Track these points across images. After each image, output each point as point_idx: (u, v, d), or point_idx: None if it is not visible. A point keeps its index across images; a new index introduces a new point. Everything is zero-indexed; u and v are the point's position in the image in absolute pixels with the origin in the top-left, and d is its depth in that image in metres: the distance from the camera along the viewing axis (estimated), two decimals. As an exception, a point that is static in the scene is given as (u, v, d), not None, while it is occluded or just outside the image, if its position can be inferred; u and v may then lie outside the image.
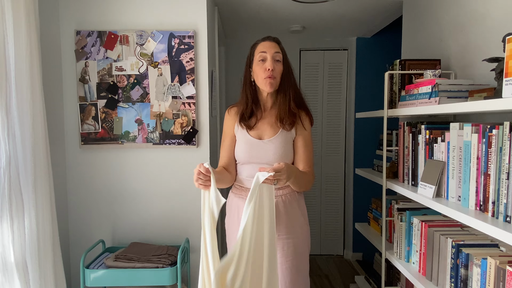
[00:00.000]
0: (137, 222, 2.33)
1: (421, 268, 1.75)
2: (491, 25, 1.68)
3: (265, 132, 1.63)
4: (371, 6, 2.80)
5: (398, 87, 2.03)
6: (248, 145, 1.62)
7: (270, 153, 1.58)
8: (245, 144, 1.63)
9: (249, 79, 1.64)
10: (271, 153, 1.58)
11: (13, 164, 1.59)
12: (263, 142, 1.61)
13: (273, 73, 1.55)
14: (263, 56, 1.55)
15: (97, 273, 1.95)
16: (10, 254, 1.58)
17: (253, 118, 1.66)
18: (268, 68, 1.54)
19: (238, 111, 1.67)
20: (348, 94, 3.88)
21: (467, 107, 1.32)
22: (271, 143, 1.60)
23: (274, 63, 1.55)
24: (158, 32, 2.24)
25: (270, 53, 1.55)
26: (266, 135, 1.62)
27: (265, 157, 1.59)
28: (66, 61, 2.27)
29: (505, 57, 1.11)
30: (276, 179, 1.37)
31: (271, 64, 1.54)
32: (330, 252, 4.04)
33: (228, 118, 1.71)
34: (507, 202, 1.20)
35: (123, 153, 2.31)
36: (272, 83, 1.57)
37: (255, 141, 1.62)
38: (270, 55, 1.55)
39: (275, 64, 1.56)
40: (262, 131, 1.64)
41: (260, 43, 1.60)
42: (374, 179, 2.19)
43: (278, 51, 1.57)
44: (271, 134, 1.62)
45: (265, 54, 1.55)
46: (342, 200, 3.98)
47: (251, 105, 1.65)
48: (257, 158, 1.60)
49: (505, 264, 1.21)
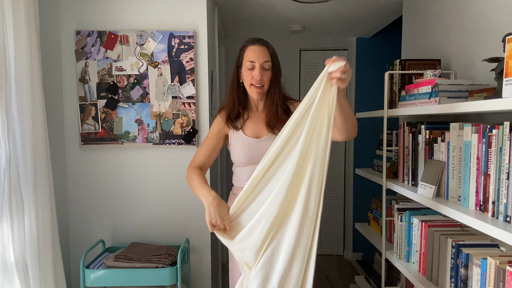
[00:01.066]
0: (137, 222, 2.33)
1: (421, 268, 1.75)
2: (491, 25, 1.68)
3: (262, 130, 1.62)
4: (371, 6, 2.80)
5: (398, 87, 2.03)
6: (246, 146, 1.60)
7: None
8: (242, 145, 1.61)
9: (238, 80, 1.63)
10: None
11: (13, 164, 1.59)
12: (260, 141, 1.60)
13: (261, 82, 1.54)
14: (252, 65, 1.54)
15: (97, 273, 1.95)
16: (10, 254, 1.58)
17: (240, 118, 1.65)
18: (255, 77, 1.53)
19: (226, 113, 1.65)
20: (348, 94, 3.88)
21: (467, 107, 1.32)
22: (269, 140, 1.58)
23: (262, 72, 1.53)
24: (158, 32, 2.24)
25: (258, 63, 1.52)
26: (263, 133, 1.62)
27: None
28: (66, 61, 2.27)
29: (505, 57, 1.11)
30: (345, 72, 1.21)
31: (259, 73, 1.52)
32: (330, 252, 4.04)
33: (220, 121, 1.67)
34: (507, 202, 1.20)
35: (123, 153, 2.31)
36: (260, 92, 1.56)
37: (253, 140, 1.61)
38: (258, 64, 1.53)
39: (264, 72, 1.54)
40: (258, 130, 1.63)
41: (249, 47, 1.56)
42: (374, 179, 2.19)
43: (267, 59, 1.54)
44: (267, 132, 1.61)
45: (254, 64, 1.53)
46: (342, 200, 3.98)
47: (238, 106, 1.63)
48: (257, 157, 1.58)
49: (505, 264, 1.21)
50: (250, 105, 1.67)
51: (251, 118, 1.65)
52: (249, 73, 1.55)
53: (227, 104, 1.66)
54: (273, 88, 1.60)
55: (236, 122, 1.64)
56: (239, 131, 1.63)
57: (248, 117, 1.65)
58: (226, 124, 1.64)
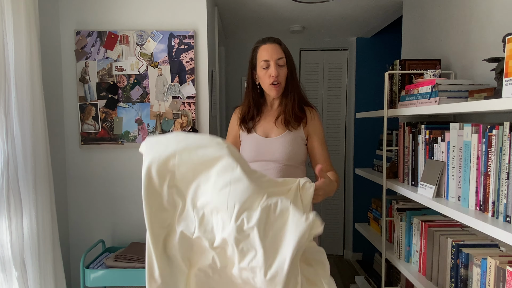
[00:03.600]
0: (137, 222, 2.33)
1: (421, 268, 1.75)
2: (491, 25, 1.68)
3: (272, 130, 1.64)
4: (371, 6, 2.80)
5: (398, 87, 2.03)
6: (254, 143, 1.63)
7: (277, 151, 1.59)
8: (251, 141, 1.64)
9: (253, 82, 1.66)
10: (278, 151, 1.59)
11: (12, 164, 1.59)
12: (270, 140, 1.62)
13: (277, 78, 1.56)
14: (267, 64, 1.56)
15: (97, 273, 1.95)
16: (8, 254, 1.58)
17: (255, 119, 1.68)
18: (272, 75, 1.55)
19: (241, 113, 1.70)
20: (348, 94, 3.88)
21: (467, 107, 1.32)
22: (278, 141, 1.61)
23: (278, 69, 1.56)
24: (158, 32, 2.24)
25: (273, 60, 1.55)
26: (273, 133, 1.64)
27: (273, 155, 1.59)
28: (66, 61, 2.27)
29: (505, 57, 1.11)
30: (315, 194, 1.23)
31: (275, 71, 1.54)
32: (330, 252, 4.04)
33: (235, 118, 1.74)
34: (507, 202, 1.20)
35: (123, 153, 2.31)
36: (278, 89, 1.59)
37: (262, 138, 1.63)
38: (273, 61, 1.55)
39: (279, 69, 1.56)
40: (269, 129, 1.65)
41: (262, 46, 1.59)
42: (374, 179, 2.18)
43: (281, 56, 1.57)
44: (278, 132, 1.63)
45: (268, 62, 1.55)
46: (342, 200, 3.98)
47: (253, 108, 1.67)
48: (264, 155, 1.60)
49: (505, 264, 1.21)
50: (266, 103, 1.70)
51: (264, 117, 1.68)
52: (264, 72, 1.57)
53: (243, 105, 1.70)
54: (291, 84, 1.62)
55: (249, 123, 1.67)
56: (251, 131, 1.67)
57: (261, 117, 1.68)
58: (239, 126, 1.69)
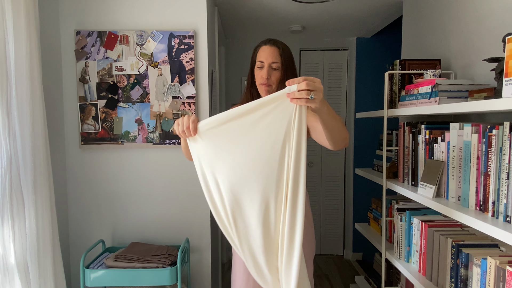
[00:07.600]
0: (137, 222, 2.33)
1: (421, 268, 1.75)
2: (491, 25, 1.68)
3: None
4: (371, 6, 2.80)
5: (398, 87, 2.03)
6: None
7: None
8: None
9: (252, 79, 1.66)
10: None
11: (14, 164, 1.59)
12: None
13: (268, 81, 1.56)
14: (261, 64, 1.58)
15: (97, 273, 1.95)
16: (11, 254, 1.58)
17: None
18: (263, 77, 1.56)
19: None
20: (348, 94, 3.88)
21: (467, 107, 1.32)
22: None
23: (270, 71, 1.56)
24: (158, 32, 2.24)
25: (267, 63, 1.56)
26: None
27: None
28: (66, 61, 2.27)
29: (505, 57, 1.11)
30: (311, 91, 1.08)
31: (266, 72, 1.55)
32: (330, 252, 4.04)
33: None
34: (507, 202, 1.20)
35: (123, 153, 2.31)
36: (267, 90, 1.58)
37: None
38: (266, 64, 1.56)
39: (271, 72, 1.57)
40: None
41: (262, 47, 1.61)
42: (374, 179, 2.19)
43: (275, 61, 1.56)
44: None
45: (263, 63, 1.57)
46: (342, 200, 3.98)
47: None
48: None
49: (505, 264, 1.21)
50: None
51: None
52: (258, 72, 1.59)
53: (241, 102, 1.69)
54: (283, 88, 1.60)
55: None
56: None
57: None
58: None
